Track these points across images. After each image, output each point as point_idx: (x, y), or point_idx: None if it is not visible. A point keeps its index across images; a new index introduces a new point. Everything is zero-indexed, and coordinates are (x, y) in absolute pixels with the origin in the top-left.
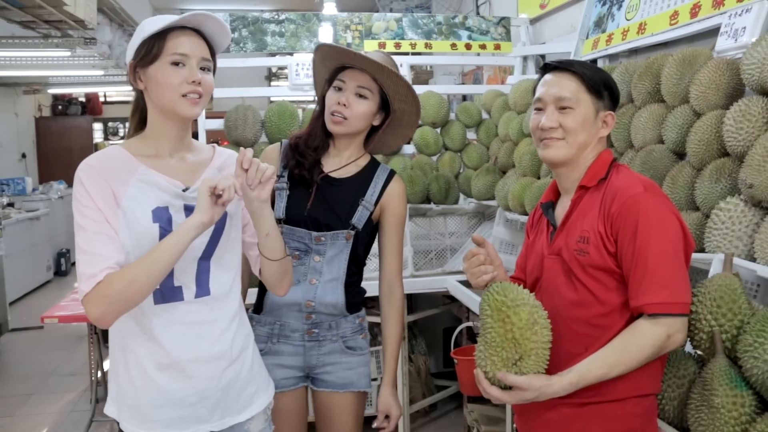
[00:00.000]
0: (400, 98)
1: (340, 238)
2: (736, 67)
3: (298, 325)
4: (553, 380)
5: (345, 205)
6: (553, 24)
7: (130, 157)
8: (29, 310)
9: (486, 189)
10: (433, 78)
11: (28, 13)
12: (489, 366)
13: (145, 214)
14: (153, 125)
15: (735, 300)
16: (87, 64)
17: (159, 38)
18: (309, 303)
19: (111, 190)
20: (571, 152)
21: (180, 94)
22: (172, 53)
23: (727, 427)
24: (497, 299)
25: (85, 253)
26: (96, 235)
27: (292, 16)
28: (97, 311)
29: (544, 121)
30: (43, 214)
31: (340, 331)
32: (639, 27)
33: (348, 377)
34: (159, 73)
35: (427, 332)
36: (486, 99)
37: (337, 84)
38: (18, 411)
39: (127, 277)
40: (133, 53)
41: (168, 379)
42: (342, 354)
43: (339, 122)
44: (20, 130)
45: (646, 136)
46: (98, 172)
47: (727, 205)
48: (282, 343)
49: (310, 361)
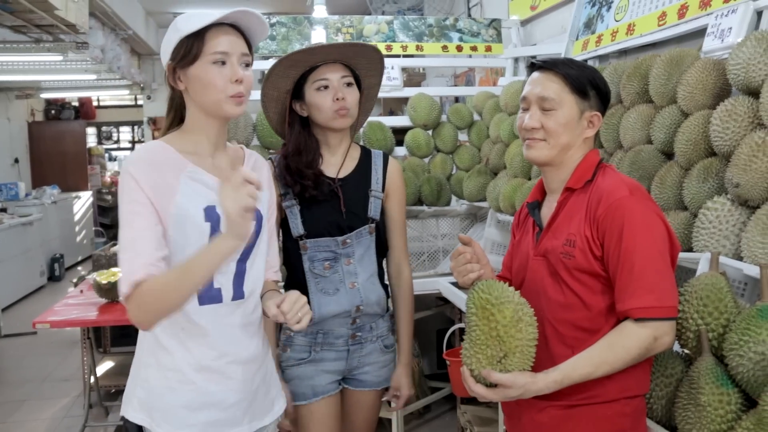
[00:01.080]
0: (369, 73)
1: (365, 234)
2: (723, 67)
3: (342, 331)
4: (538, 378)
5: (358, 202)
6: (544, 25)
7: (177, 154)
8: (22, 315)
9: (477, 190)
10: (426, 80)
11: (19, 18)
12: (474, 364)
13: (198, 213)
14: (194, 123)
15: (721, 299)
16: (79, 69)
17: (197, 37)
18: (358, 308)
19: (166, 183)
20: (553, 153)
21: (226, 95)
22: (213, 52)
23: (713, 425)
24: (482, 297)
25: (127, 251)
26: (142, 232)
27: (283, 19)
28: (136, 318)
29: (526, 121)
30: (37, 219)
31: (378, 331)
32: (628, 28)
33: (383, 375)
34: (202, 74)
35: (421, 334)
36: (477, 101)
37: (321, 83)
38: (11, 417)
39: (159, 290)
40: (170, 54)
41: (207, 381)
42: (380, 353)
43: (344, 115)
44: (13, 134)
45: (635, 137)
46: (151, 165)
47: (714, 205)
48: (326, 350)
49: (351, 363)
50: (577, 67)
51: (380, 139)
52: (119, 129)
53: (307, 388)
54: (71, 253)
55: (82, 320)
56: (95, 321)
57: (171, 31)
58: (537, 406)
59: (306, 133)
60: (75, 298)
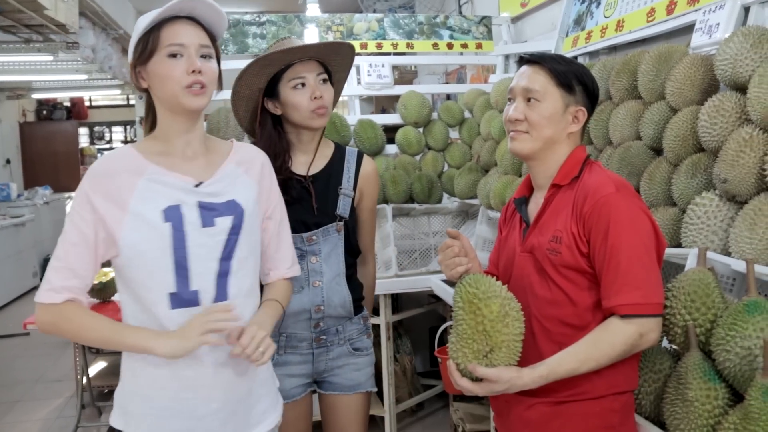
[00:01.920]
0: (340, 68)
1: (332, 232)
2: (711, 63)
3: (305, 335)
4: (524, 373)
5: (326, 199)
6: (534, 22)
7: (140, 158)
8: (15, 316)
9: (469, 188)
10: (418, 78)
11: (9, 18)
12: (460, 358)
13: (155, 214)
14: (162, 123)
15: (708, 294)
16: (70, 69)
17: (153, 32)
18: (318, 308)
19: (118, 193)
20: (536, 146)
21: (182, 86)
22: (168, 45)
23: (700, 420)
24: (469, 291)
25: (59, 260)
26: (74, 247)
27: (273, 17)
28: (42, 326)
29: (510, 113)
30: (29, 220)
31: (346, 334)
32: (617, 24)
33: (356, 378)
34: (158, 68)
35: (413, 332)
36: (468, 98)
37: (297, 82)
38: (4, 418)
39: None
40: (131, 53)
41: (179, 389)
42: (350, 356)
43: (323, 114)
44: (4, 135)
45: (624, 133)
46: (104, 175)
47: (702, 200)
48: (290, 353)
49: (318, 367)
50: (565, 63)
51: (371, 137)
52: (111, 129)
53: None
54: None
55: None
56: None
57: (134, 31)
58: (525, 403)
59: (276, 133)
60: None
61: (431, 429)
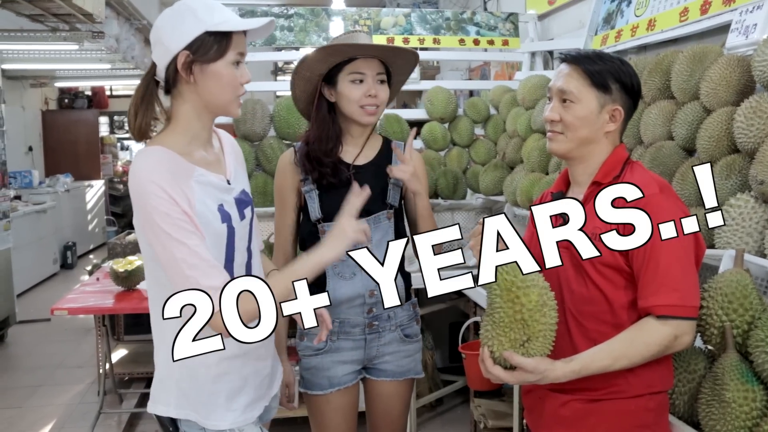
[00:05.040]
0: (400, 71)
1: (382, 219)
2: (747, 63)
3: (359, 320)
4: (557, 365)
5: (376, 188)
6: (562, 20)
7: (181, 158)
8: (36, 302)
9: (494, 184)
10: (440, 73)
11: (38, 7)
12: (496, 345)
13: (215, 217)
14: (190, 121)
15: (746, 296)
16: (94, 58)
17: (225, 35)
18: (372, 292)
19: (185, 196)
20: (571, 146)
21: (236, 96)
22: (236, 53)
23: (738, 422)
24: (507, 279)
25: (196, 268)
26: (198, 248)
27: (301, 10)
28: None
29: (547, 113)
30: (50, 207)
31: (398, 320)
32: (648, 23)
33: (405, 365)
34: (223, 72)
35: (434, 327)
36: (494, 95)
37: (356, 77)
38: (26, 402)
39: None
40: (188, 43)
41: (241, 365)
42: (400, 342)
43: (373, 113)
44: (27, 123)
45: (656, 133)
46: (172, 177)
47: (737, 202)
48: (342, 339)
49: (370, 353)
50: (602, 61)
51: (397, 132)
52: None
53: (323, 379)
54: (83, 241)
55: (99, 308)
56: (112, 309)
57: (188, 17)
58: (560, 400)
59: (330, 118)
60: (91, 285)
61: (450, 424)
